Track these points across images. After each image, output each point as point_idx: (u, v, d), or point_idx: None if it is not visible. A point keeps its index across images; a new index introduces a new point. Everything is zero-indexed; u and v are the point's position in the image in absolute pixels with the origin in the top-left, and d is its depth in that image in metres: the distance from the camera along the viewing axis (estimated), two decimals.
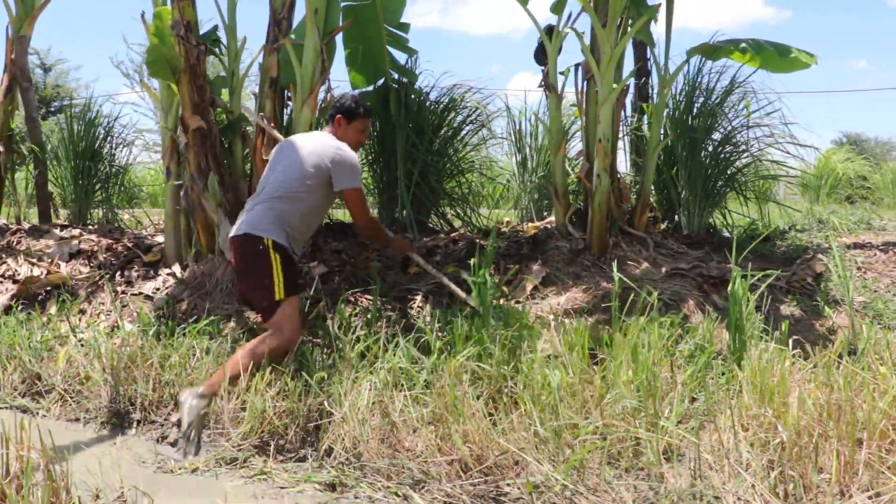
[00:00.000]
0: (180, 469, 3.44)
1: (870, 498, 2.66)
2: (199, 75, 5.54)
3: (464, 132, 7.21)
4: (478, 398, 3.31)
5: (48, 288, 5.81)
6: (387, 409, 3.41)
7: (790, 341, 3.75)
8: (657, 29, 6.08)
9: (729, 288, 4.15)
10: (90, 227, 7.48)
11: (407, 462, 3.14)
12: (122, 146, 8.57)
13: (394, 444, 3.29)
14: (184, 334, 4.42)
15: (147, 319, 4.71)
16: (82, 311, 5.45)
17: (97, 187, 8.27)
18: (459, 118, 7.13)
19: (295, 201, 4.22)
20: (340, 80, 22.29)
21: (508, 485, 2.99)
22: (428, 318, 4.77)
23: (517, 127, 7.70)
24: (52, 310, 5.44)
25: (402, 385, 3.64)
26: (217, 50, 6.18)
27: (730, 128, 6.48)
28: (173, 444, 3.76)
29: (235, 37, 5.99)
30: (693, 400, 3.53)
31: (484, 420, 3.20)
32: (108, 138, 8.37)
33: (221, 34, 6.09)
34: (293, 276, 4.20)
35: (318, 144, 4.33)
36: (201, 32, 5.75)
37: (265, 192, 4.30)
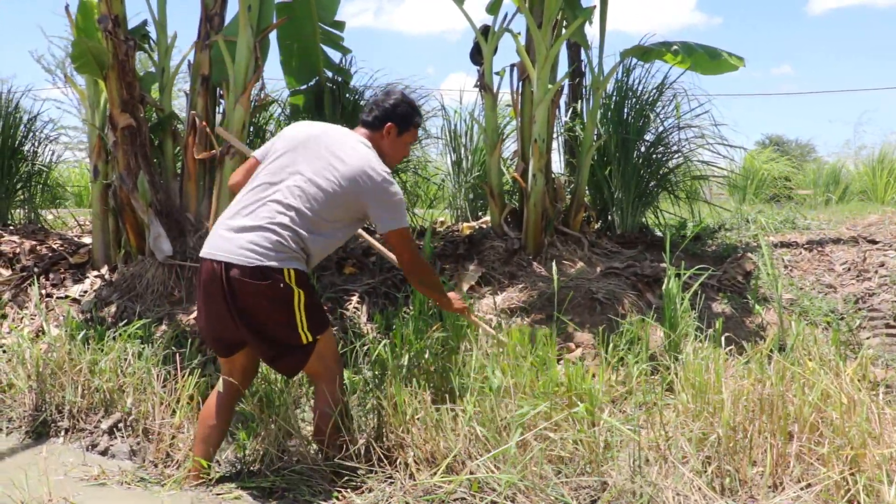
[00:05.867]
0: (112, 479, 3.32)
1: (801, 489, 2.73)
2: (128, 71, 5.39)
3: None
4: (420, 399, 3.28)
5: None
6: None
7: (723, 338, 3.83)
8: (591, 31, 6.18)
9: (663, 286, 4.23)
10: (11, 228, 7.21)
11: (348, 463, 3.10)
12: (44, 144, 8.27)
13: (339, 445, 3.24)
14: (113, 338, 4.28)
15: (74, 323, 4.55)
16: (4, 316, 5.25)
17: (18, 187, 7.96)
18: None
19: (317, 226, 3.11)
20: (274, 79, 22.04)
21: (451, 483, 2.98)
22: (365, 319, 4.73)
23: (452, 127, 7.70)
24: None
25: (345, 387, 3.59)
26: (146, 46, 6.03)
27: (661, 129, 6.60)
28: (104, 453, 3.64)
29: (166, 32, 5.85)
30: (630, 395, 3.58)
31: (426, 420, 3.18)
32: (30, 135, 8.07)
33: (151, 29, 5.93)
34: (318, 308, 3.23)
35: (358, 164, 3.12)
36: (130, 27, 5.59)
37: (276, 200, 3.08)
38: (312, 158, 3.15)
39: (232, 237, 3.05)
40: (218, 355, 3.34)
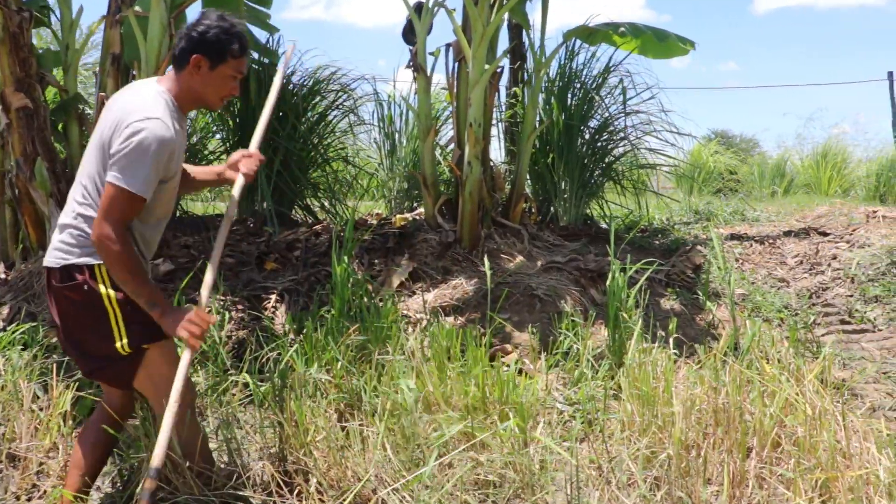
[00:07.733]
0: None
1: None
2: (23, 46, 4.93)
3: (330, 117, 6.74)
4: (325, 415, 2.86)
5: None
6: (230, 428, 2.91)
7: (671, 339, 3.46)
8: (534, 16, 5.83)
9: (607, 282, 3.87)
10: None
11: (241, 493, 2.66)
12: None
13: (231, 471, 2.79)
14: None
15: None
16: None
17: None
18: (325, 102, 6.66)
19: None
20: None
21: None
22: (282, 320, 4.29)
23: (386, 112, 7.30)
24: None
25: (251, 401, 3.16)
26: (48, 20, 5.52)
27: (607, 115, 6.28)
28: None
29: (70, 6, 5.40)
30: (572, 405, 3.21)
31: (335, 441, 2.75)
32: None
33: (53, 2, 5.43)
34: (141, 312, 2.54)
35: (113, 117, 2.53)
36: None
37: (74, 192, 2.62)
38: (96, 135, 2.59)
39: (52, 240, 2.61)
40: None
